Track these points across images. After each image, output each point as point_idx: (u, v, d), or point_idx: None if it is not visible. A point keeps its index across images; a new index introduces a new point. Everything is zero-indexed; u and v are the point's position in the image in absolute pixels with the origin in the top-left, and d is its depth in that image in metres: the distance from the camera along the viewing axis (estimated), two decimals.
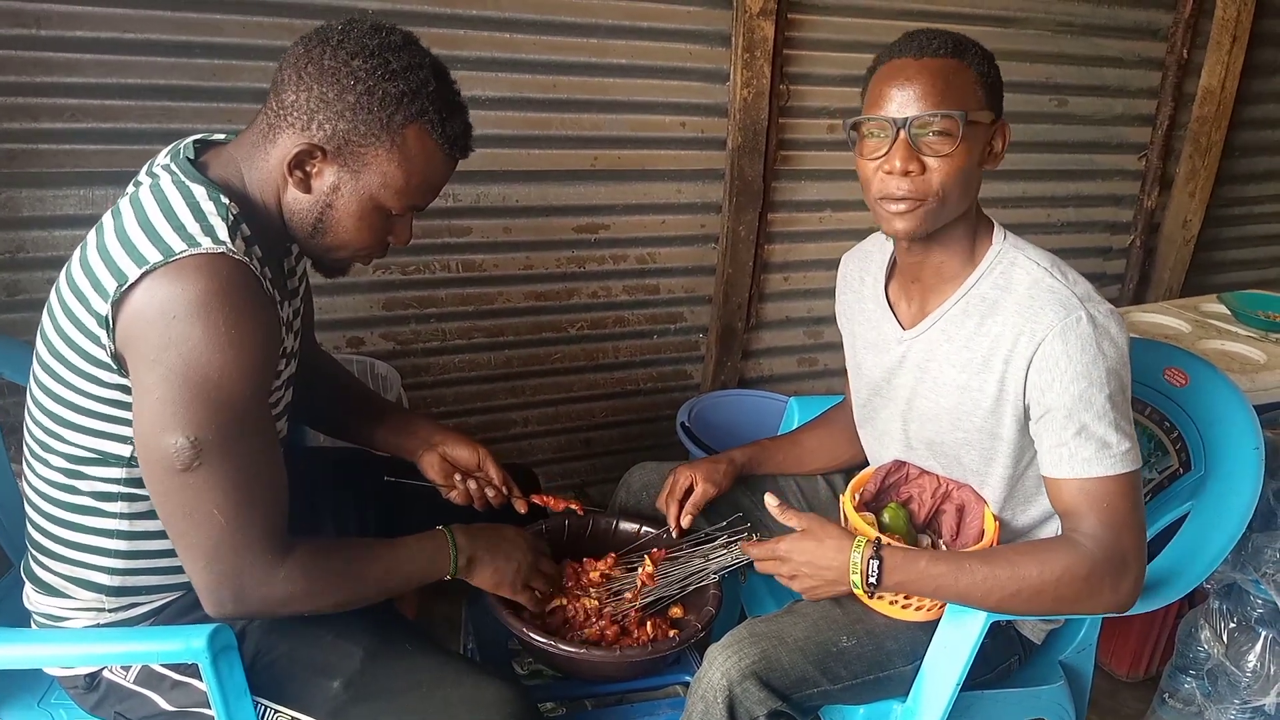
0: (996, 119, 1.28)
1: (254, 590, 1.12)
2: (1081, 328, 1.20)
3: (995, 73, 1.27)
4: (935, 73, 1.21)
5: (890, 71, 1.24)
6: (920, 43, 1.24)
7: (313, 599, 1.17)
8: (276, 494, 1.14)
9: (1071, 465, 1.22)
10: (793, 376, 2.86)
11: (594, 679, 1.50)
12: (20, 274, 1.96)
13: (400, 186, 1.16)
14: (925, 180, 1.22)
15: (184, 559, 1.12)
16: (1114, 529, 1.21)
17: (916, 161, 1.21)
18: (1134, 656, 2.19)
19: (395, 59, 1.12)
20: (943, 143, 1.21)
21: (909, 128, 1.21)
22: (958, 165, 1.22)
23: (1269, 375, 2.03)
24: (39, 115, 1.88)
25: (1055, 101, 2.80)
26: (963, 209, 1.28)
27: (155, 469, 1.07)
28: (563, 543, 1.59)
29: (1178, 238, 3.11)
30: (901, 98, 1.21)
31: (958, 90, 1.21)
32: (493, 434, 2.55)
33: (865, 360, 1.50)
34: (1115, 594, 1.22)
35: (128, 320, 1.04)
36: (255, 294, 1.08)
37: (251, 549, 1.11)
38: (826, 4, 2.43)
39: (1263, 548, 1.71)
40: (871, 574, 1.26)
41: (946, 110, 1.20)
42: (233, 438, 1.07)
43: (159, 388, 1.04)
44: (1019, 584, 1.21)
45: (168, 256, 1.03)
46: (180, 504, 1.08)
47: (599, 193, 2.40)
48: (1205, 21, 2.86)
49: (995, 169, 1.30)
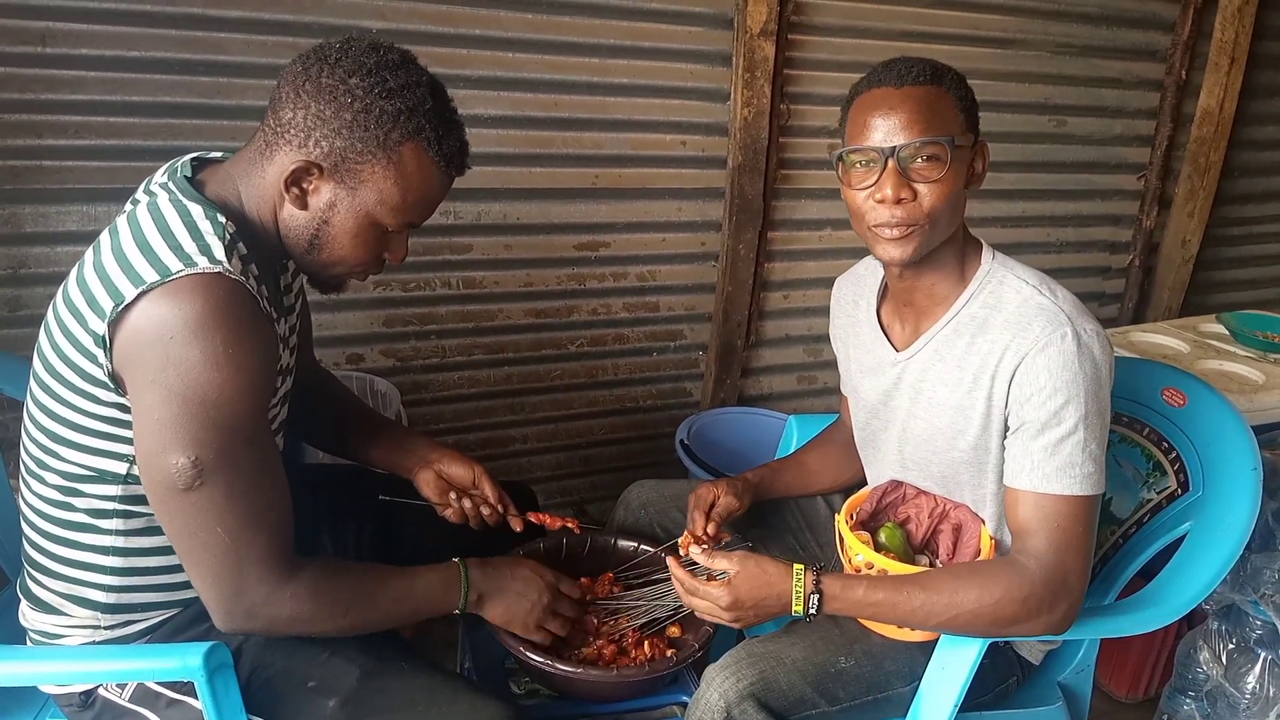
0: (976, 140, 1.29)
1: (261, 608, 1.13)
2: (1065, 344, 1.20)
3: (970, 95, 1.29)
4: (918, 100, 1.22)
5: (872, 101, 1.25)
6: (899, 71, 1.25)
7: (320, 620, 1.18)
8: (280, 512, 1.15)
9: (1031, 478, 1.23)
10: (792, 394, 2.86)
11: (591, 699, 1.49)
12: (22, 290, 1.97)
13: (396, 203, 1.17)
14: (917, 206, 1.23)
15: (191, 576, 1.13)
16: (1059, 551, 1.21)
17: (908, 189, 1.22)
18: (1133, 678, 2.18)
19: (392, 77, 1.12)
20: (933, 168, 1.22)
21: (897, 156, 1.22)
22: (948, 189, 1.23)
23: (1267, 396, 2.03)
24: (43, 132, 1.89)
25: (1054, 122, 2.82)
26: (952, 230, 1.29)
27: (158, 489, 1.08)
28: (560, 561, 1.59)
29: (1176, 258, 3.12)
30: (887, 126, 1.22)
31: (941, 116, 1.22)
32: (492, 451, 2.55)
33: (861, 384, 1.50)
34: (1051, 616, 1.22)
35: (125, 340, 1.04)
36: (252, 313, 1.08)
37: (256, 566, 1.11)
38: (826, 25, 2.44)
39: (1261, 569, 1.71)
40: (812, 605, 1.26)
41: (934, 137, 1.21)
42: (234, 457, 1.07)
43: (159, 408, 1.04)
44: (956, 609, 1.22)
45: (164, 276, 1.03)
46: (184, 523, 1.09)
47: (600, 210, 2.41)
48: (1204, 43, 2.88)
49: (980, 188, 1.32)
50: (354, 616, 1.21)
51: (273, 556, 1.12)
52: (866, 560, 1.33)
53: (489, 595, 1.35)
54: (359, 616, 1.21)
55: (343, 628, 1.21)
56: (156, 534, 1.18)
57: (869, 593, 1.25)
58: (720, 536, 1.53)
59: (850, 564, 1.37)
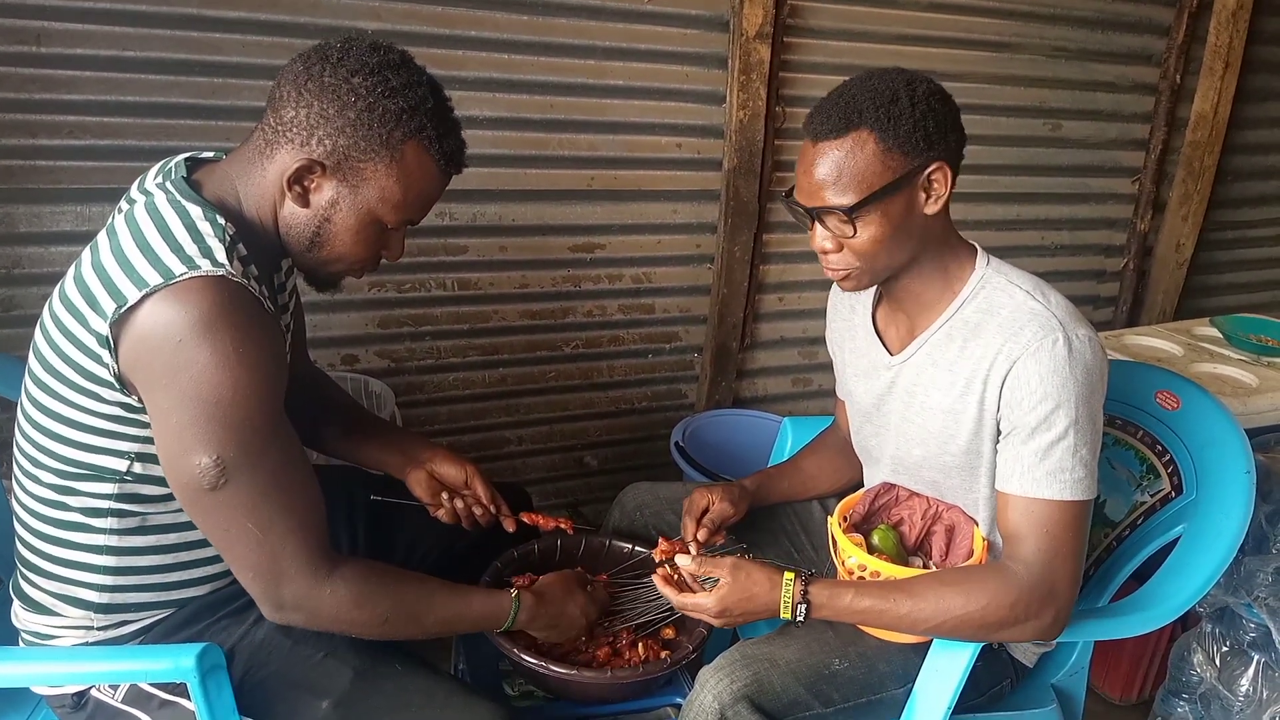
0: (926, 163, 1.22)
1: (303, 601, 1.15)
2: (1057, 349, 1.20)
3: (917, 116, 1.20)
4: (827, 160, 1.22)
5: (801, 153, 1.28)
6: (816, 125, 1.24)
7: (358, 624, 1.19)
8: (309, 503, 1.16)
9: (1021, 483, 1.23)
10: (787, 396, 2.86)
11: (585, 701, 1.49)
12: (15, 290, 1.96)
13: (397, 201, 1.18)
14: (846, 255, 1.27)
15: (233, 571, 1.15)
16: (1049, 557, 1.21)
17: (833, 240, 1.26)
18: (1127, 680, 2.18)
19: (394, 76, 1.13)
20: (844, 227, 1.24)
21: (816, 215, 1.25)
22: (870, 237, 1.24)
23: (1260, 399, 2.03)
24: (37, 132, 1.89)
25: (1049, 125, 2.82)
26: (905, 258, 1.29)
27: (186, 491, 1.09)
28: (555, 563, 1.59)
29: (1171, 261, 3.13)
30: (806, 186, 1.25)
31: (850, 174, 1.20)
32: (487, 452, 2.55)
33: (856, 388, 1.50)
34: (1039, 622, 1.22)
35: (133, 344, 1.05)
36: (258, 312, 1.09)
37: (292, 559, 1.13)
38: (822, 28, 2.45)
39: (1255, 571, 1.71)
40: (800, 614, 1.26)
41: (834, 204, 1.22)
42: (255, 452, 1.08)
43: (176, 412, 1.05)
44: (943, 615, 1.22)
45: (167, 279, 1.03)
46: (217, 522, 1.11)
47: (595, 212, 2.41)
48: (1198, 47, 2.88)
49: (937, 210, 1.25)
50: (391, 627, 1.21)
51: (308, 549, 1.14)
52: (859, 563, 1.33)
53: (533, 630, 1.38)
54: (397, 628, 1.22)
55: (382, 634, 1.22)
56: (150, 533, 1.18)
57: (856, 599, 1.25)
58: (712, 541, 1.53)
59: (843, 567, 1.37)
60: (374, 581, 1.19)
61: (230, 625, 1.25)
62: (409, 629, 1.23)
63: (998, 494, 1.28)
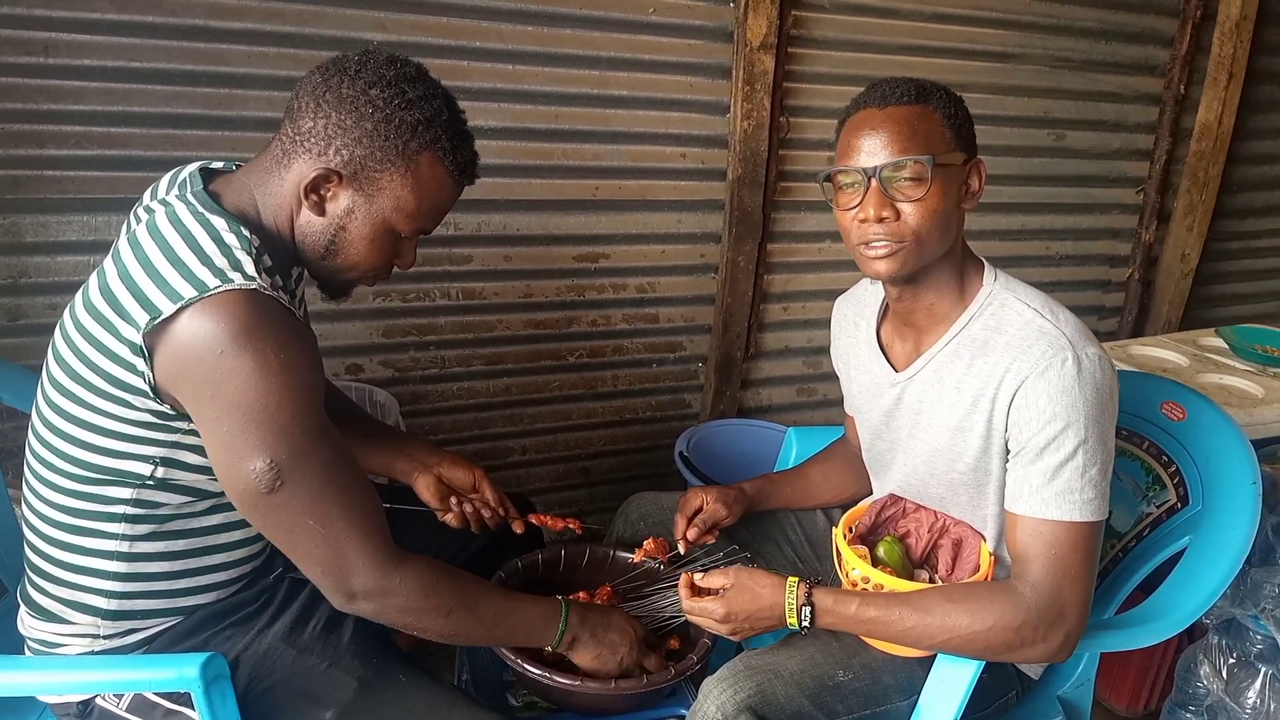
0: (970, 158, 1.28)
1: (373, 592, 1.16)
2: (1065, 369, 1.20)
3: (963, 114, 1.28)
4: (900, 120, 1.23)
5: (857, 123, 1.26)
6: (884, 92, 1.25)
7: (426, 613, 1.20)
8: (366, 497, 1.17)
9: (1030, 503, 1.22)
10: (792, 406, 2.86)
11: (589, 711, 1.48)
12: (22, 299, 1.96)
13: (411, 210, 1.20)
14: (901, 225, 1.23)
15: (303, 571, 1.17)
16: (1057, 579, 1.20)
17: (890, 208, 1.23)
18: (1133, 692, 2.17)
19: (411, 89, 1.16)
20: (914, 187, 1.22)
21: (879, 175, 1.22)
22: (932, 207, 1.22)
23: (1267, 410, 2.03)
24: (44, 142, 1.90)
25: (1053, 136, 2.83)
26: (944, 249, 1.28)
27: (245, 498, 1.10)
28: (559, 573, 1.59)
29: (1176, 271, 3.13)
30: (870, 146, 1.23)
31: (924, 135, 1.22)
32: (491, 462, 2.54)
33: (863, 405, 1.50)
34: (1047, 645, 1.21)
35: (171, 356, 1.05)
36: (291, 322, 1.10)
37: (358, 551, 1.14)
38: (826, 38, 2.45)
39: (1261, 583, 1.71)
40: (805, 618, 1.26)
41: (914, 155, 1.21)
42: (306, 452, 1.10)
43: (225, 421, 1.06)
44: (949, 633, 1.21)
45: (202, 292, 1.04)
46: (279, 524, 1.12)
47: (599, 222, 2.42)
48: (1202, 58, 2.89)
49: (972, 208, 1.30)
50: (455, 620, 1.22)
51: (372, 541, 1.15)
52: (862, 575, 1.32)
53: (582, 641, 1.36)
54: (460, 623, 1.23)
55: (444, 630, 1.22)
56: (161, 539, 1.19)
57: (861, 609, 1.25)
58: (702, 541, 1.53)
59: (847, 578, 1.36)
60: (438, 571, 1.22)
61: (235, 635, 1.25)
62: (469, 625, 1.24)
63: (1006, 514, 1.27)
